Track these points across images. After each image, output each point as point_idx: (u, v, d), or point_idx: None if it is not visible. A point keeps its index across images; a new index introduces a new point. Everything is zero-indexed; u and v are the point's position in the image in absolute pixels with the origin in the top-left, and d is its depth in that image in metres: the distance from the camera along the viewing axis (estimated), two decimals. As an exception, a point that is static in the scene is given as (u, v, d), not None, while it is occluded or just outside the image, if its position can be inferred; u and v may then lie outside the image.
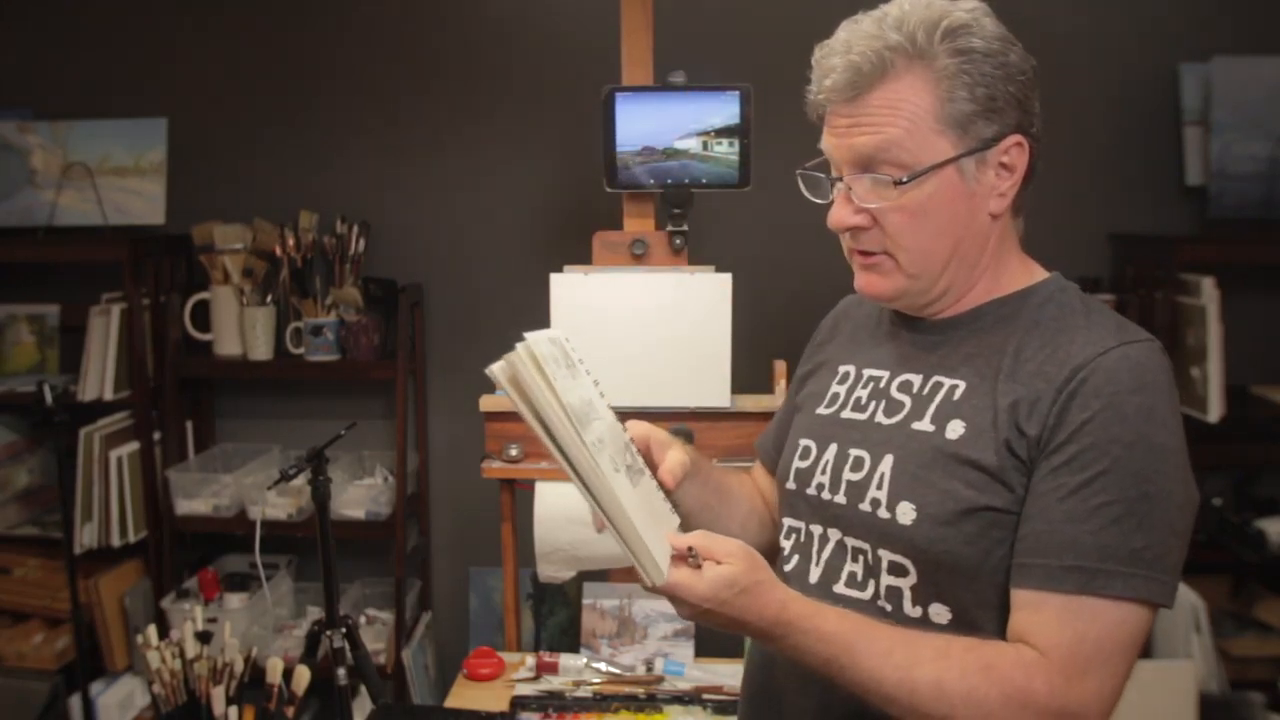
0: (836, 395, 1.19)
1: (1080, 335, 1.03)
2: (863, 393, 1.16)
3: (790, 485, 1.20)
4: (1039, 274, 1.12)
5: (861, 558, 1.10)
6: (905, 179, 1.03)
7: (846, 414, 1.16)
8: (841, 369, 1.22)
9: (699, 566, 0.97)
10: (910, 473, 1.07)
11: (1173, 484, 0.98)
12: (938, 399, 1.08)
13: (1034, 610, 0.98)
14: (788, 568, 1.18)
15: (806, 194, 1.14)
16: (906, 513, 1.06)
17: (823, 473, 1.15)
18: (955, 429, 1.05)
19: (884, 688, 0.97)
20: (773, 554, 1.24)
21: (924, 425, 1.08)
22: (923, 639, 1.00)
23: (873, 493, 1.09)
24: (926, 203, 1.04)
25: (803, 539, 1.18)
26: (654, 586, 0.96)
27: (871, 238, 1.08)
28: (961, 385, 1.07)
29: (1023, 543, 1.00)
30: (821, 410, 1.20)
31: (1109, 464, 0.97)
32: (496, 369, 0.96)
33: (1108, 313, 1.07)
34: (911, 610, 1.06)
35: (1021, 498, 1.01)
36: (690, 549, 0.97)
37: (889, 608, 1.07)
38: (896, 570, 1.07)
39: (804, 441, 1.19)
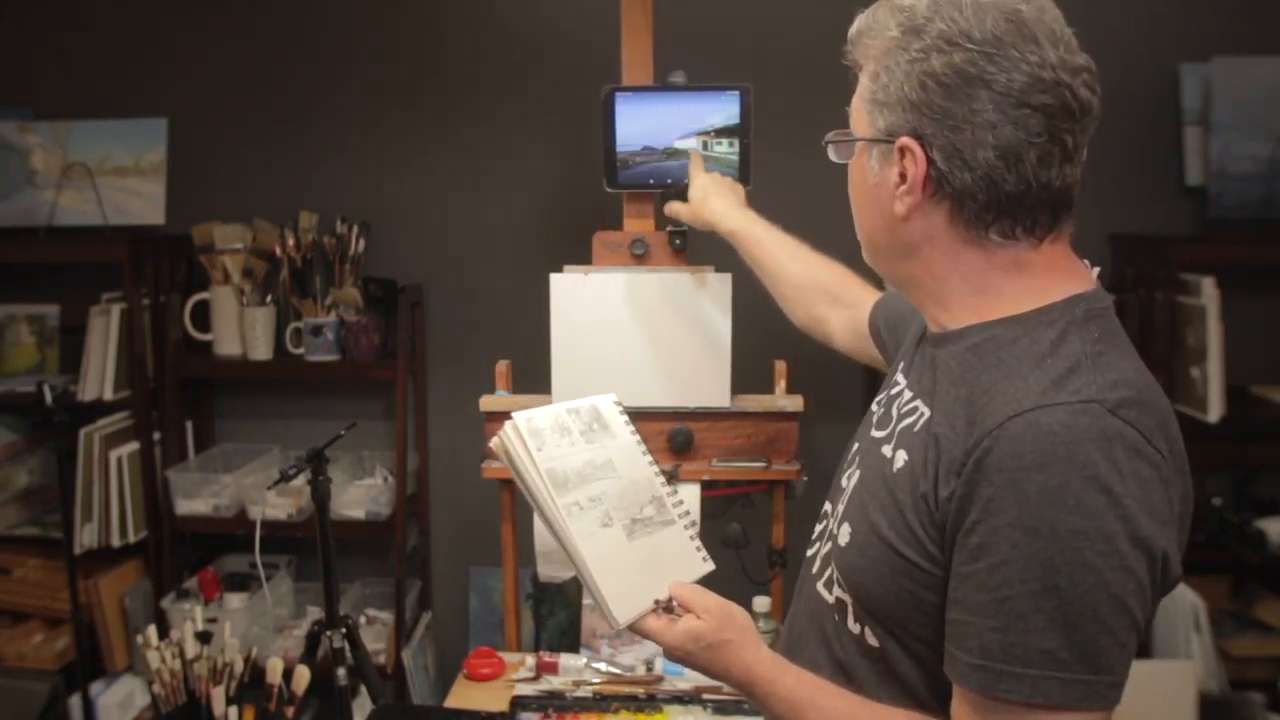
0: (880, 396, 1.16)
1: (1011, 389, 0.91)
2: (884, 395, 1.14)
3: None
4: (1056, 294, 0.97)
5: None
6: (827, 140, 1.07)
7: (872, 418, 1.14)
8: (898, 363, 1.17)
9: (678, 616, 1.10)
10: (860, 497, 1.06)
11: (1101, 574, 0.85)
12: (905, 423, 1.03)
13: (958, 700, 0.94)
14: (809, 551, 1.20)
15: None
16: (844, 534, 1.06)
17: (843, 471, 1.16)
18: (899, 460, 1.00)
19: None
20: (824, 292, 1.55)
21: (888, 449, 1.03)
22: (865, 713, 1.02)
23: (839, 504, 1.11)
24: (850, 173, 1.07)
25: (822, 528, 1.18)
26: (615, 629, 1.11)
27: None
28: (926, 414, 1.00)
29: (948, 626, 0.94)
30: (873, 405, 1.18)
31: (1009, 552, 0.86)
32: (493, 443, 1.19)
33: (1074, 355, 0.92)
34: (853, 626, 1.07)
35: (933, 556, 0.94)
36: (660, 601, 1.12)
37: (837, 618, 1.09)
38: (841, 585, 1.08)
39: (855, 439, 1.19)
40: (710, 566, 1.22)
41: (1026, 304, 0.97)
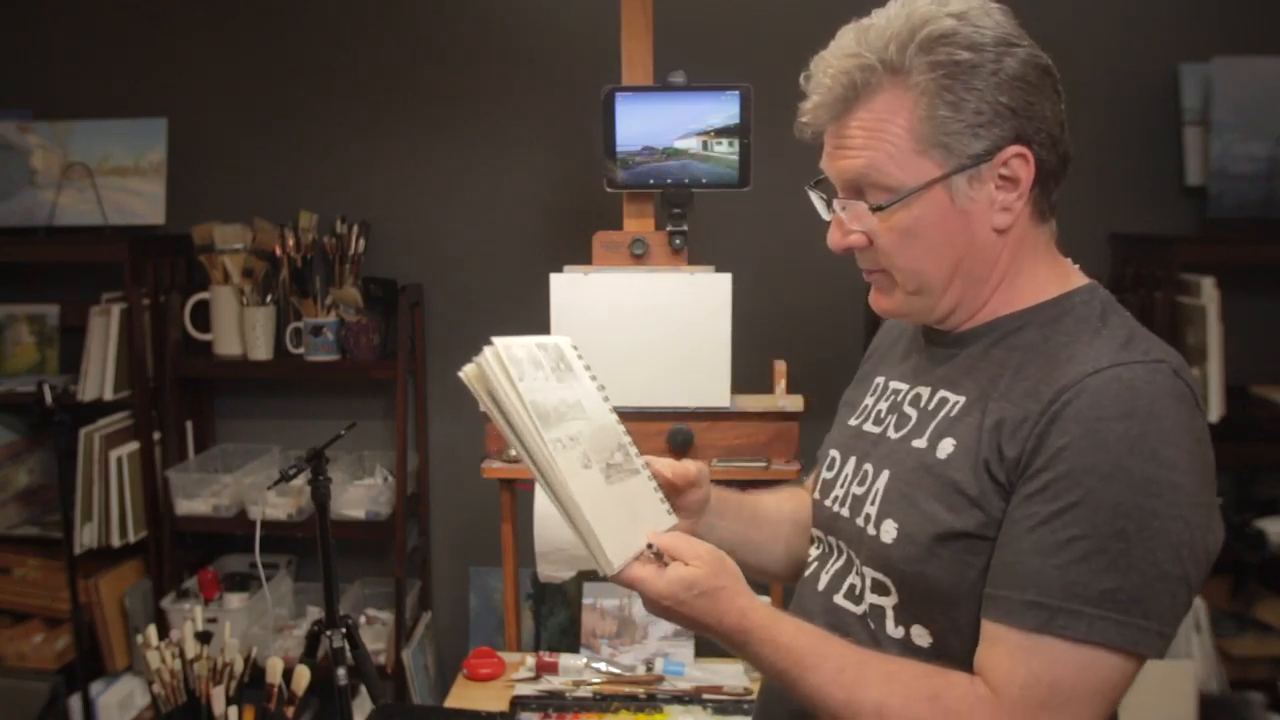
0: (866, 407, 1.17)
1: (1080, 353, 0.96)
2: (884, 405, 1.14)
3: (816, 495, 1.19)
4: (1071, 283, 1.05)
5: (856, 572, 1.10)
6: (883, 205, 1.00)
7: (867, 426, 1.14)
8: (876, 380, 1.18)
9: (665, 565, 1.01)
10: (899, 491, 1.05)
11: (1164, 521, 0.89)
12: (938, 415, 1.04)
13: (993, 644, 0.94)
14: (806, 573, 1.18)
15: (819, 209, 1.09)
16: (889, 531, 1.04)
17: (840, 485, 1.14)
18: (946, 448, 1.01)
19: (829, 704, 0.97)
20: None
21: (921, 442, 1.04)
22: (875, 660, 1.00)
23: (867, 508, 1.08)
24: (915, 225, 1.00)
25: (821, 548, 1.18)
26: (607, 576, 1.01)
27: (868, 256, 1.06)
28: (961, 401, 1.03)
29: (992, 572, 0.95)
30: (852, 421, 1.18)
31: (1082, 495, 0.90)
32: (466, 369, 1.06)
33: (1124, 326, 0.99)
34: (894, 631, 1.04)
35: (999, 522, 0.96)
36: (650, 546, 1.03)
37: (873, 625, 1.07)
38: (879, 589, 1.06)
39: (832, 452, 1.19)
40: (674, 520, 1.15)
41: (1049, 291, 1.04)
